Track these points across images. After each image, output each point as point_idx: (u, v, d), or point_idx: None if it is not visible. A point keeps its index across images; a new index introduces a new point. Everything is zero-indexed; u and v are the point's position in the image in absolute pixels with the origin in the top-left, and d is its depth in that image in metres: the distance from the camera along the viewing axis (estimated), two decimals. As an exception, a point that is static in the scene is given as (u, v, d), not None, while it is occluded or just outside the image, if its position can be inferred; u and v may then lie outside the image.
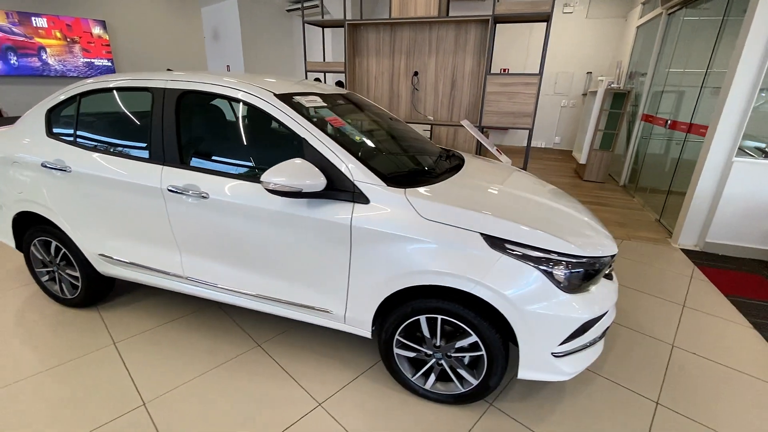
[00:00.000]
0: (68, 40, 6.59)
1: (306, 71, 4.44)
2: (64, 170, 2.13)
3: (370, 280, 1.70)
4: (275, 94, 1.86)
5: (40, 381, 1.91)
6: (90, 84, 2.19)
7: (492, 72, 3.68)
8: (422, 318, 1.71)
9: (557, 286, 1.53)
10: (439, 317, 1.67)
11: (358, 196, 1.67)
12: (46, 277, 2.54)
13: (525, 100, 3.64)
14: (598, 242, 1.72)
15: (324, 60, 4.69)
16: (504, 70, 8.93)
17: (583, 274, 1.60)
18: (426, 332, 1.74)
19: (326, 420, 1.74)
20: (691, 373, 2.09)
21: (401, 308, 1.71)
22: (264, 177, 1.57)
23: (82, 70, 6.92)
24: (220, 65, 9.31)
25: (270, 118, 1.82)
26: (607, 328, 1.82)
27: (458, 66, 4.01)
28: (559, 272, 1.54)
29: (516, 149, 8.97)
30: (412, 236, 1.60)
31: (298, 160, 1.64)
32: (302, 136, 1.74)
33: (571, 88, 8.56)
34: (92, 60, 7.02)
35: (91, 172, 2.08)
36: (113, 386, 1.89)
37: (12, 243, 2.53)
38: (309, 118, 1.80)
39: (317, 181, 1.61)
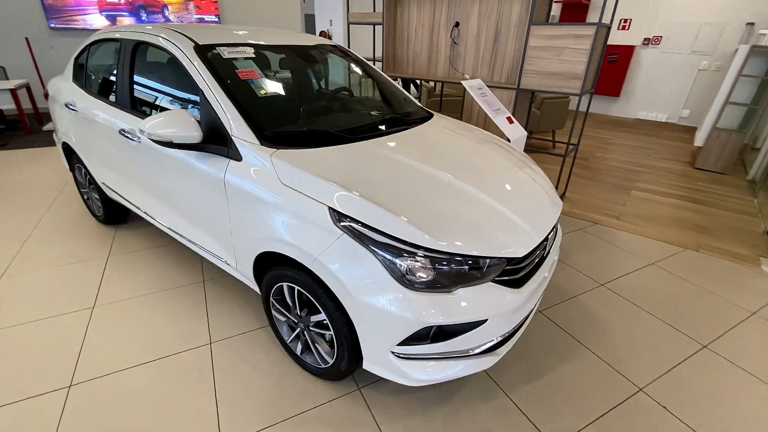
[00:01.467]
0: (184, -3, 7.67)
1: (348, 23, 4.28)
2: (75, 110, 2.53)
3: (244, 237, 1.67)
4: (196, 45, 1.85)
5: (46, 273, 2.44)
6: (93, 36, 2.51)
7: (550, 21, 3.02)
8: (284, 285, 1.63)
9: (397, 280, 1.28)
10: (296, 288, 1.57)
11: (234, 153, 1.61)
12: (85, 197, 3.14)
13: (574, 58, 2.92)
14: (495, 240, 1.36)
15: (374, 10, 4.45)
16: (625, 23, 7.21)
17: (442, 271, 1.30)
18: (289, 300, 1.67)
19: (205, 359, 1.85)
20: None
21: (270, 271, 1.65)
22: (141, 124, 1.61)
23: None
24: (323, 22, 9.68)
25: None
26: (499, 345, 1.48)
27: (503, 14, 3.39)
28: (403, 264, 1.28)
29: (627, 121, 7.39)
30: (269, 200, 1.50)
31: (178, 111, 1.64)
32: (200, 87, 1.71)
33: (718, 45, 6.50)
34: (203, 16, 8.01)
35: (85, 113, 2.43)
36: (81, 285, 2.30)
37: (66, 166, 3.18)
38: (215, 70, 1.75)
39: (189, 133, 1.59)
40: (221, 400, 1.65)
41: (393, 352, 1.36)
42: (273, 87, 1.98)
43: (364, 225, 1.32)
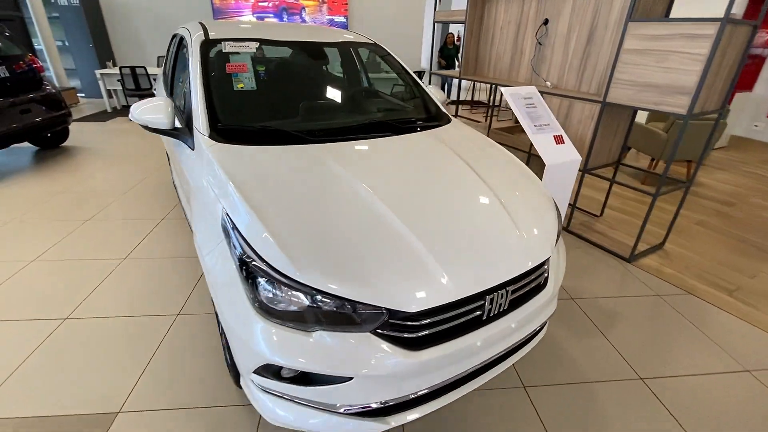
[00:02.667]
0: (320, 0, 8.39)
1: (434, 21, 4.04)
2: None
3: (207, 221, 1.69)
4: (205, 38, 1.94)
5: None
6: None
7: (654, 17, 2.34)
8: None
9: (252, 302, 1.10)
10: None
11: (191, 142, 1.64)
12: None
13: (683, 65, 2.17)
14: (384, 284, 1.07)
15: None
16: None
17: (301, 307, 1.06)
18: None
19: (162, 329, 1.96)
20: None
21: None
22: (131, 108, 1.76)
23: (325, 25, 8.72)
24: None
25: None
26: (388, 411, 1.16)
27: (602, 9, 2.72)
28: (260, 287, 1.09)
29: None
30: (197, 190, 1.48)
31: (158, 99, 1.73)
32: (190, 77, 1.79)
33: None
34: (333, 17, 8.69)
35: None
36: (125, 238, 2.71)
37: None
38: (205, 62, 1.82)
39: (159, 119, 1.68)
40: (148, 370, 1.73)
41: (252, 380, 1.20)
42: (256, 82, 1.96)
43: (239, 235, 1.18)
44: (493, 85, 3.53)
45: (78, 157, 4.49)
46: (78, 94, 7.63)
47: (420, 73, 7.35)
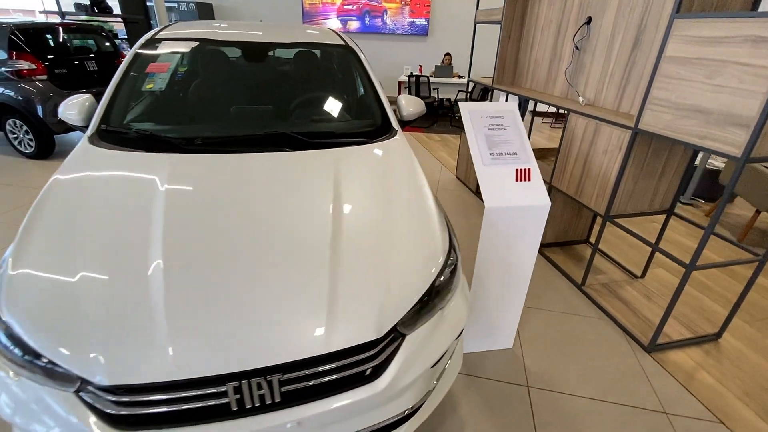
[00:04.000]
0: (402, 2, 8.18)
1: (475, 22, 3.53)
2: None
3: None
4: (154, 36, 1.91)
5: None
6: None
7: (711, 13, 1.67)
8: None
9: None
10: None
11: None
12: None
13: (742, 84, 1.44)
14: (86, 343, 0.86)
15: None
16: None
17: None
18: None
19: None
20: None
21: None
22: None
23: (405, 28, 8.48)
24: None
25: None
26: None
27: (653, 5, 2.00)
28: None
29: None
30: None
31: (79, 96, 1.73)
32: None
33: None
34: (414, 20, 8.40)
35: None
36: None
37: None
38: (131, 61, 1.79)
39: (72, 115, 1.68)
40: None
41: None
42: (172, 84, 1.85)
43: None
44: (527, 99, 2.91)
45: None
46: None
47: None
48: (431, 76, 7.28)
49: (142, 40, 1.91)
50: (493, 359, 1.87)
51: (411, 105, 2.10)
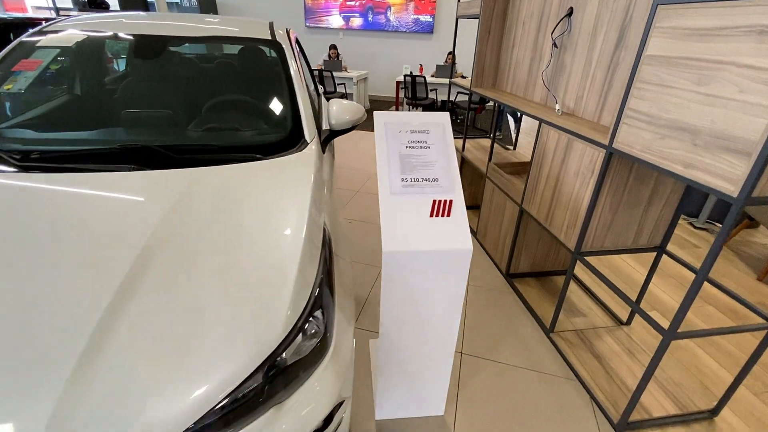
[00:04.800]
0: (407, -1, 7.83)
1: (456, 17, 3.13)
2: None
3: None
4: (52, 29, 1.65)
5: None
6: None
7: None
8: None
9: None
10: None
11: None
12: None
13: (745, 95, 1.02)
14: None
15: None
16: None
17: None
18: None
19: None
20: None
21: None
22: None
23: (410, 25, 8.07)
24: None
25: None
26: None
27: (641, -12, 1.58)
28: None
29: None
30: None
31: None
32: None
33: None
34: (419, 17, 7.98)
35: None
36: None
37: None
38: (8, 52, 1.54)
39: None
40: None
41: None
42: (35, 84, 1.57)
43: None
44: (499, 105, 2.50)
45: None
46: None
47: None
48: (433, 76, 6.88)
49: (43, 32, 1.65)
50: (416, 429, 1.50)
51: (342, 112, 1.74)
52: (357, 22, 8.29)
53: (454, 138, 3.54)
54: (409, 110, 7.31)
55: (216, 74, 1.80)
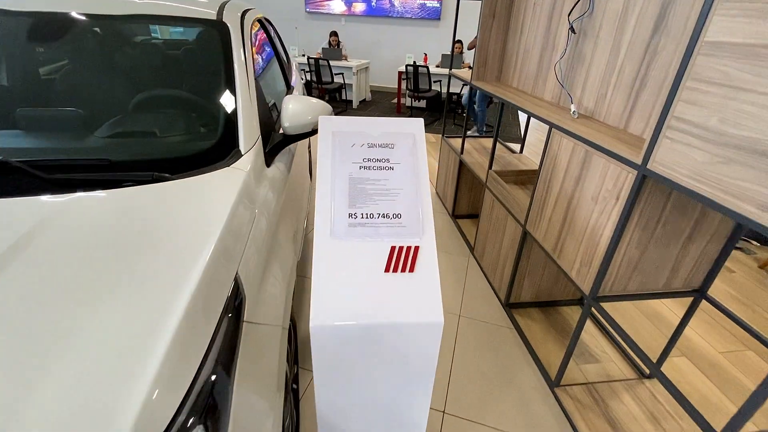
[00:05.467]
0: (412, -16, 7.33)
1: (457, -2, 2.71)
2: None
3: None
4: None
5: None
6: None
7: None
8: None
9: None
10: None
11: None
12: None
13: None
14: None
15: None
16: None
17: None
18: None
19: None
20: None
21: None
22: None
23: (415, 11, 7.57)
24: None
25: None
26: None
27: (694, -51, 1.17)
28: None
29: None
30: None
31: None
32: None
33: None
34: (425, 2, 7.48)
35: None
36: None
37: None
38: None
39: None
40: None
41: None
42: None
43: None
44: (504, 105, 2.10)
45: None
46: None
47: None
48: (438, 66, 6.44)
49: None
50: None
51: (302, 112, 1.38)
52: (360, 7, 7.83)
53: (454, 137, 3.14)
54: (411, 103, 6.89)
55: (133, 63, 1.43)
